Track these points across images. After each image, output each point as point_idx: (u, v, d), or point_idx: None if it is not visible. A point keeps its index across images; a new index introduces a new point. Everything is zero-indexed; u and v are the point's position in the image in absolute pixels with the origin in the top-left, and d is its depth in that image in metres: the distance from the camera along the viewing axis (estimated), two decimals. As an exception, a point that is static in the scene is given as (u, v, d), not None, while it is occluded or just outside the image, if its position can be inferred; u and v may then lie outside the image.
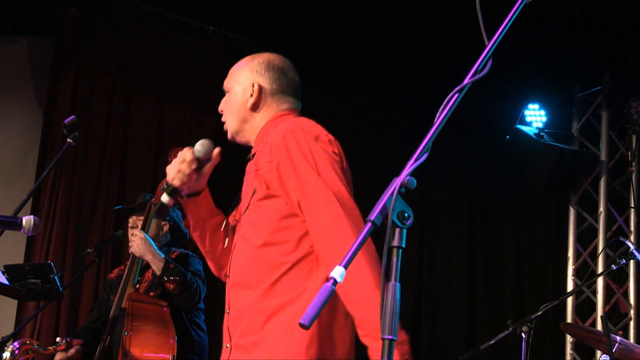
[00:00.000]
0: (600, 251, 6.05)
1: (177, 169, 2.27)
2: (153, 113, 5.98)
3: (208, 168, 2.34)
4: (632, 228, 6.14)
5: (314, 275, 2.12)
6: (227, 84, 2.43)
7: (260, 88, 2.35)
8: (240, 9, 5.89)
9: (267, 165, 2.17)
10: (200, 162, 2.30)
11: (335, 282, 1.38)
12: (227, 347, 2.23)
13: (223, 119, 2.41)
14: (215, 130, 6.13)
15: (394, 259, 1.43)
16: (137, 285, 4.02)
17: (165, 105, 6.06)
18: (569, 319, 6.10)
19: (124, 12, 5.88)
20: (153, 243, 3.91)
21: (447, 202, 7.04)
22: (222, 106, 2.43)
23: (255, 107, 2.35)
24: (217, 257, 2.42)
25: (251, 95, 2.35)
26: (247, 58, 2.44)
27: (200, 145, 2.30)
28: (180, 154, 2.30)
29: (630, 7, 5.36)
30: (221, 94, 2.49)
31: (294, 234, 2.13)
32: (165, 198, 2.28)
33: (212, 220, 2.41)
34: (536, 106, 6.31)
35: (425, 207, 6.93)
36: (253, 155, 2.32)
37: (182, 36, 6.12)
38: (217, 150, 2.32)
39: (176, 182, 2.28)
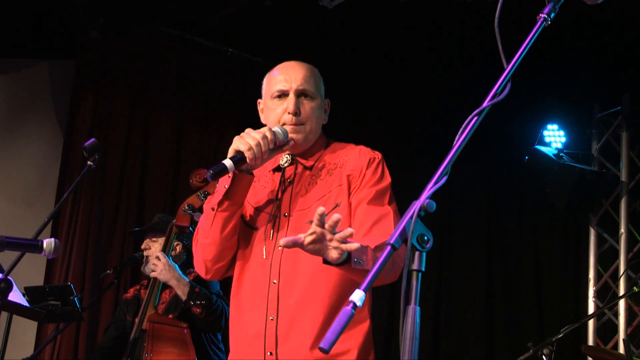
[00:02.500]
0: (621, 273, 5.98)
1: (257, 142, 2.19)
2: (172, 134, 6.02)
3: (272, 155, 2.30)
4: (654, 249, 6.07)
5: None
6: (315, 90, 2.38)
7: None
8: (258, 31, 5.94)
9: (356, 177, 2.30)
10: (275, 146, 2.26)
11: (355, 306, 1.38)
12: (270, 354, 2.21)
13: (300, 122, 2.33)
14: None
15: (414, 283, 1.43)
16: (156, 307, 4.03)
17: (184, 127, 6.10)
18: (591, 342, 6.03)
19: (143, 34, 5.94)
20: (177, 267, 3.92)
21: (466, 224, 7.02)
22: (304, 110, 2.34)
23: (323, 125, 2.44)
24: (226, 247, 2.34)
25: (325, 111, 2.44)
26: (311, 66, 2.43)
27: (282, 130, 2.27)
28: (261, 129, 2.22)
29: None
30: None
31: None
32: (229, 163, 2.16)
33: (241, 209, 2.35)
34: (555, 126, 6.28)
35: (443, 229, 6.92)
36: (311, 167, 2.36)
37: (201, 58, 6.18)
38: (291, 143, 2.31)
39: (249, 154, 2.18)
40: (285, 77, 2.36)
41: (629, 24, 5.40)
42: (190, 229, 4.04)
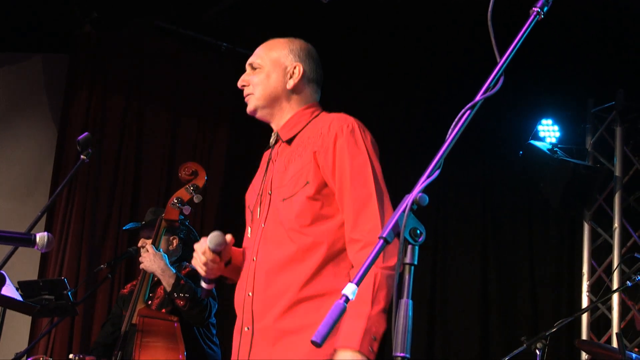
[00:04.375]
0: (615, 267, 6.00)
1: (203, 267, 2.32)
2: (166, 129, 6.01)
3: (228, 248, 2.35)
4: (647, 244, 6.09)
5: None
6: (259, 60, 2.42)
7: (303, 72, 2.40)
8: (253, 26, 5.92)
9: (324, 154, 2.23)
10: (218, 252, 2.32)
11: (347, 300, 1.39)
12: (247, 329, 2.24)
13: (248, 92, 2.40)
14: (228, 146, 6.15)
15: (406, 276, 1.44)
16: (149, 302, 4.03)
17: (178, 122, 6.09)
18: (584, 336, 6.05)
19: (137, 29, 5.93)
20: (167, 258, 3.92)
21: (460, 219, 7.03)
22: (250, 80, 2.41)
23: (294, 90, 2.39)
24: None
25: (291, 77, 2.39)
26: (283, 40, 2.47)
27: (212, 242, 2.29)
28: (198, 249, 2.32)
29: (643, 22, 5.36)
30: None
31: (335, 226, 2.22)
32: (204, 284, 2.38)
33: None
34: (550, 121, 6.29)
35: (438, 223, 6.93)
36: (290, 140, 2.35)
37: (196, 53, 6.17)
38: (229, 237, 2.31)
39: (210, 275, 2.35)
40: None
41: (623, 20, 5.41)
42: (179, 222, 4.04)
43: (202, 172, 4.02)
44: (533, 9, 1.65)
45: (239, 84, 2.42)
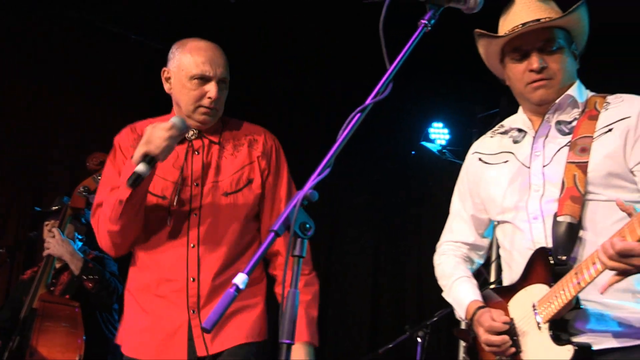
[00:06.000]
0: (492, 261, 6.35)
1: (165, 144, 2.28)
2: (76, 118, 5.94)
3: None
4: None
5: None
6: (228, 78, 2.58)
7: None
8: (161, 17, 5.93)
9: (266, 160, 2.61)
10: (182, 132, 2.39)
11: (238, 289, 1.49)
12: (193, 312, 2.40)
13: (216, 107, 2.54)
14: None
15: (295, 268, 1.55)
16: (52, 288, 4.05)
17: (88, 111, 6.03)
18: (463, 325, 6.38)
19: (45, 17, 5.83)
20: (73, 243, 3.97)
21: (354, 214, 7.22)
22: (220, 95, 2.54)
23: None
24: (136, 228, 2.47)
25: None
26: (220, 49, 2.59)
27: (181, 122, 2.34)
28: (164, 128, 2.29)
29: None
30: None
31: None
32: (142, 168, 2.27)
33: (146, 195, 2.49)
34: (440, 125, 6.61)
35: (332, 219, 7.09)
36: (218, 142, 2.60)
37: (105, 42, 6.10)
38: (189, 131, 2.57)
39: (162, 156, 2.31)
40: (210, 63, 2.51)
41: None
42: (85, 210, 4.09)
43: (110, 162, 4.07)
44: (421, 21, 1.77)
45: (216, 96, 2.50)
